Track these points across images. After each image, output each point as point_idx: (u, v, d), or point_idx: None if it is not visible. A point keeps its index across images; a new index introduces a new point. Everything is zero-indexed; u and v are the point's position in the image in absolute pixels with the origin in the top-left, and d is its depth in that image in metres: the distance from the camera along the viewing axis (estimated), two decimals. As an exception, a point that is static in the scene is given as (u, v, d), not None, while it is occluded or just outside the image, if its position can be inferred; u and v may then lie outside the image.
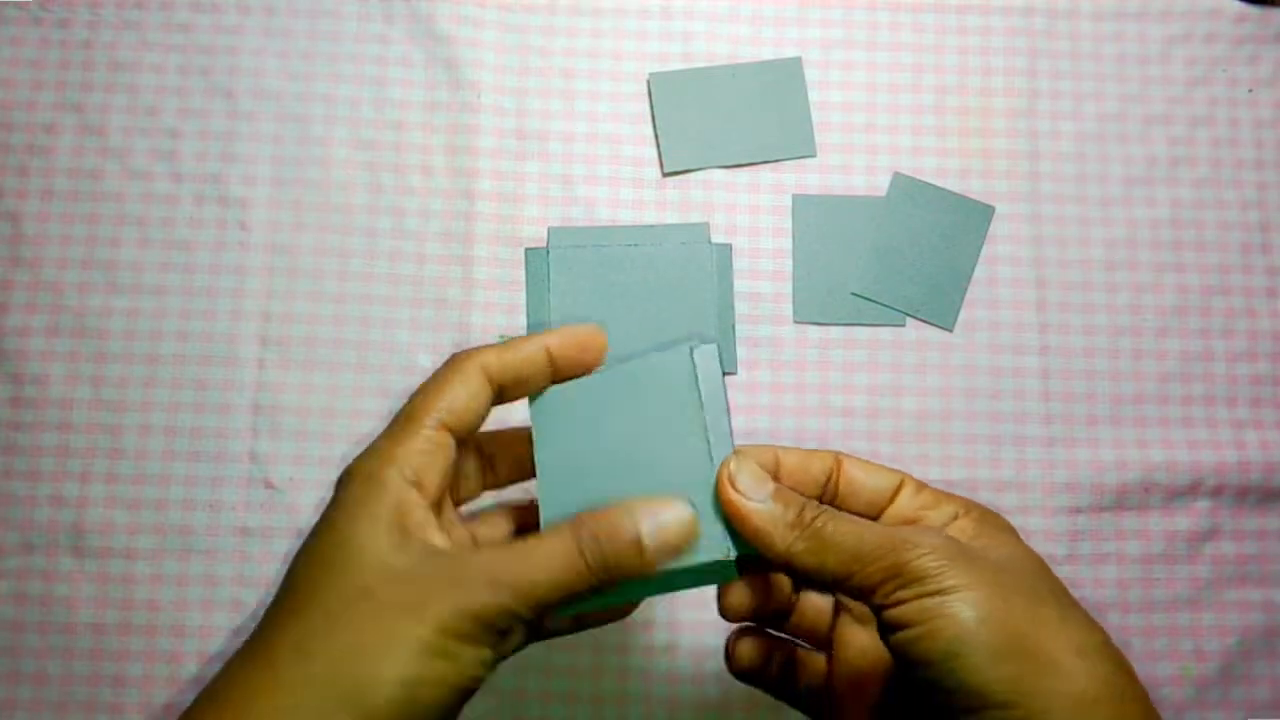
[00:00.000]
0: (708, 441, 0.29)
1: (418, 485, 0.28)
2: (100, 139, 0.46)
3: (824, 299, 0.46)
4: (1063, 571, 0.43)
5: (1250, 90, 0.48)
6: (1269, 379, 0.46)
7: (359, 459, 0.29)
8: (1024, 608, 0.26)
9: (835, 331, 0.45)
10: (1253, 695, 0.43)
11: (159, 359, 0.44)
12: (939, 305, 0.46)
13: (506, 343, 0.31)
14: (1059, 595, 0.27)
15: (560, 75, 0.47)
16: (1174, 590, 0.44)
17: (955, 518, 0.30)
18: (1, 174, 0.45)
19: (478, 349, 0.31)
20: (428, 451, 0.29)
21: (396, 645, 0.25)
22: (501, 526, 0.33)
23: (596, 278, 0.45)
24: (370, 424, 0.43)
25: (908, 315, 0.46)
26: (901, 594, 0.26)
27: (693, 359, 0.30)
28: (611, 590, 0.28)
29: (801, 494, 0.29)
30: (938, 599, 0.25)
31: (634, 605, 0.32)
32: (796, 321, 0.45)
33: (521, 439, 0.32)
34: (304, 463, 0.43)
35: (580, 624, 0.32)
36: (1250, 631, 0.43)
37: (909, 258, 0.46)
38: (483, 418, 0.31)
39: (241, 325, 0.44)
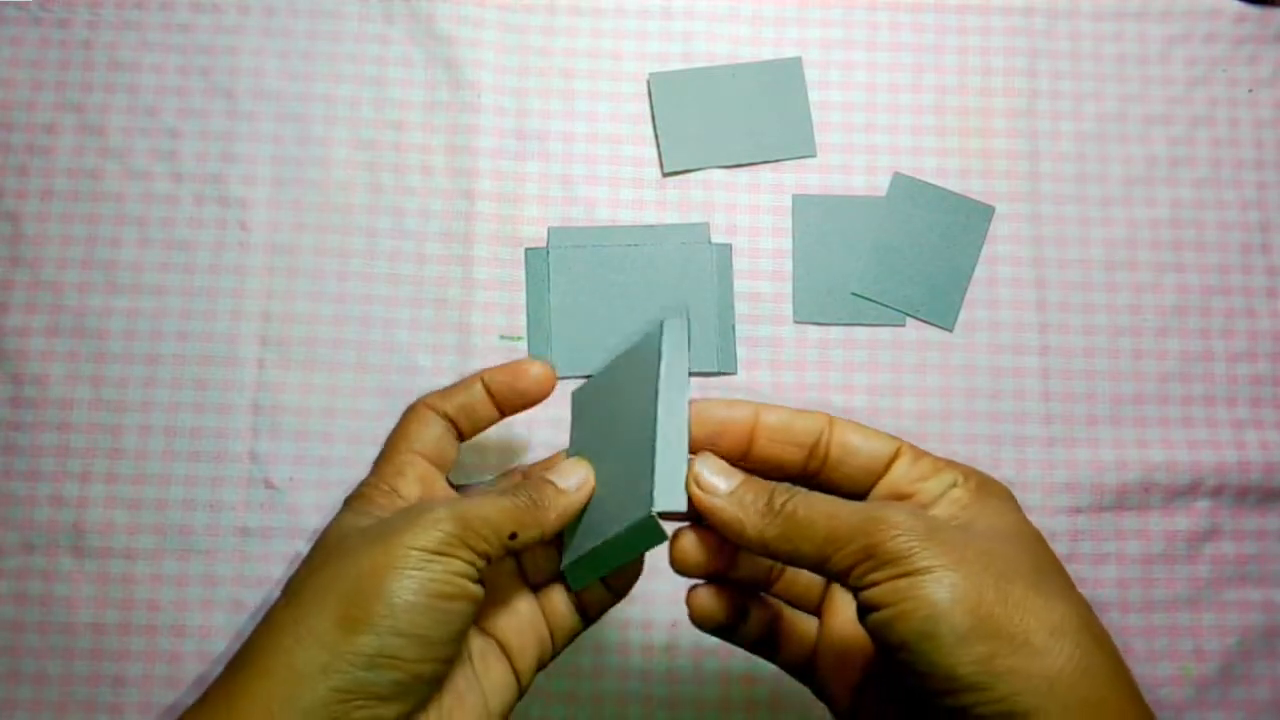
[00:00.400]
0: (655, 406, 0.30)
1: (399, 494, 0.34)
2: (100, 139, 0.46)
3: (824, 299, 0.46)
4: (1063, 571, 0.43)
5: (1250, 90, 0.48)
6: (1269, 379, 0.46)
7: (354, 491, 0.35)
8: (998, 587, 0.25)
9: (835, 331, 0.45)
10: (1253, 695, 0.43)
11: (159, 359, 0.44)
12: (939, 305, 0.46)
13: (453, 386, 0.36)
14: (1043, 571, 0.27)
15: (560, 75, 0.47)
16: (1174, 590, 0.44)
17: (953, 485, 0.29)
18: (1, 174, 0.45)
19: (427, 396, 0.36)
20: (404, 466, 0.34)
21: (389, 562, 0.28)
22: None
23: (596, 278, 0.45)
24: (370, 424, 0.43)
25: (908, 315, 0.46)
26: (875, 575, 0.26)
27: (660, 329, 0.32)
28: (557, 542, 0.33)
29: (781, 460, 0.30)
30: (909, 580, 0.25)
31: (627, 581, 0.34)
32: (796, 321, 0.45)
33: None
34: (304, 463, 0.43)
35: (586, 617, 0.34)
36: (1250, 631, 0.43)
37: (909, 258, 0.46)
38: (449, 447, 0.36)
39: (241, 325, 0.44)
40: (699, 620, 0.33)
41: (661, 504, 0.29)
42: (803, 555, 0.27)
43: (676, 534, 0.31)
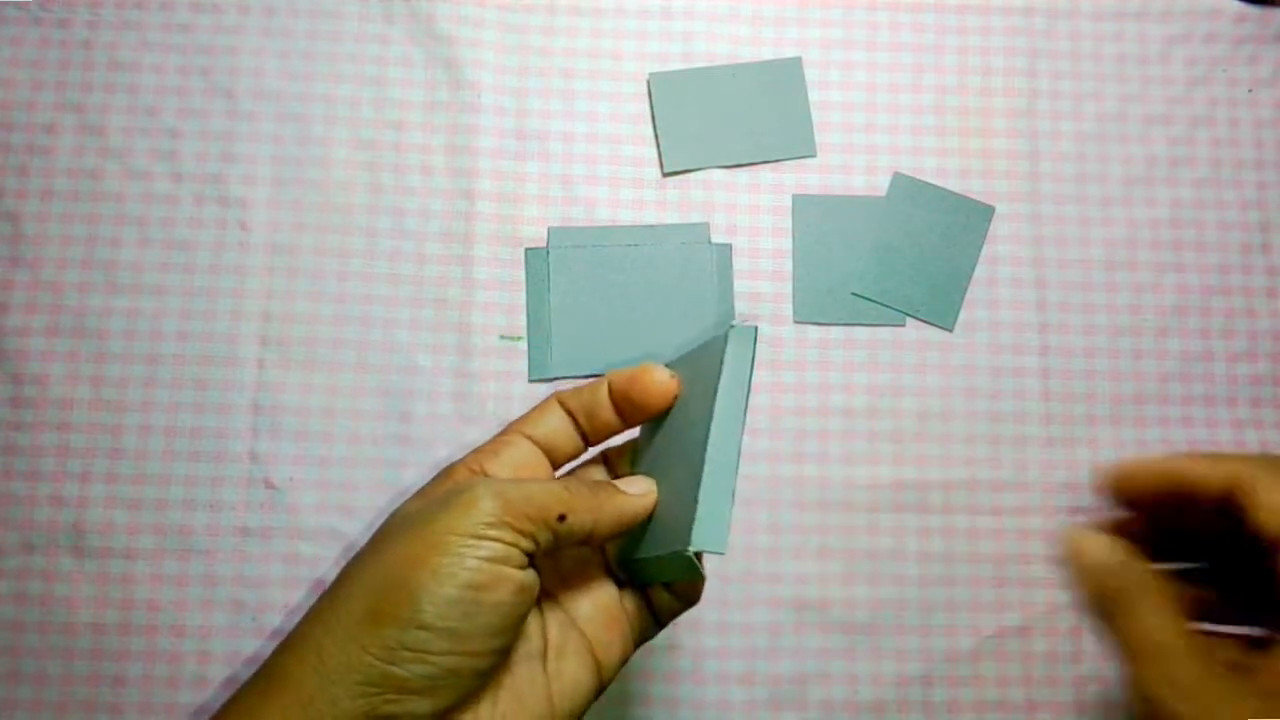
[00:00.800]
0: (708, 430, 0.29)
1: (481, 472, 0.31)
2: (100, 139, 0.46)
3: (824, 299, 0.46)
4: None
5: (1250, 90, 0.48)
6: (1269, 379, 0.46)
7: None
8: None
9: (835, 331, 0.45)
10: (1253, 695, 0.43)
11: (159, 359, 0.44)
12: (939, 305, 0.46)
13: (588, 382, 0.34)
14: None
15: (560, 75, 0.47)
16: (1174, 590, 0.44)
17: None
18: (1, 174, 0.45)
19: (562, 389, 0.34)
20: (501, 445, 0.32)
21: (428, 552, 0.27)
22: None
23: (596, 278, 0.45)
24: (370, 424, 0.43)
25: (908, 315, 0.46)
26: None
27: (726, 337, 0.30)
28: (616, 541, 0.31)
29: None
30: None
31: (696, 590, 0.33)
32: (796, 321, 0.45)
33: None
34: (304, 463, 0.43)
35: (658, 621, 0.33)
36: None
37: (909, 258, 0.46)
38: (567, 441, 0.33)
39: (241, 325, 0.44)
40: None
41: (699, 544, 0.28)
42: None
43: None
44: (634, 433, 0.34)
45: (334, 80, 0.47)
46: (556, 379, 0.44)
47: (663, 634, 0.42)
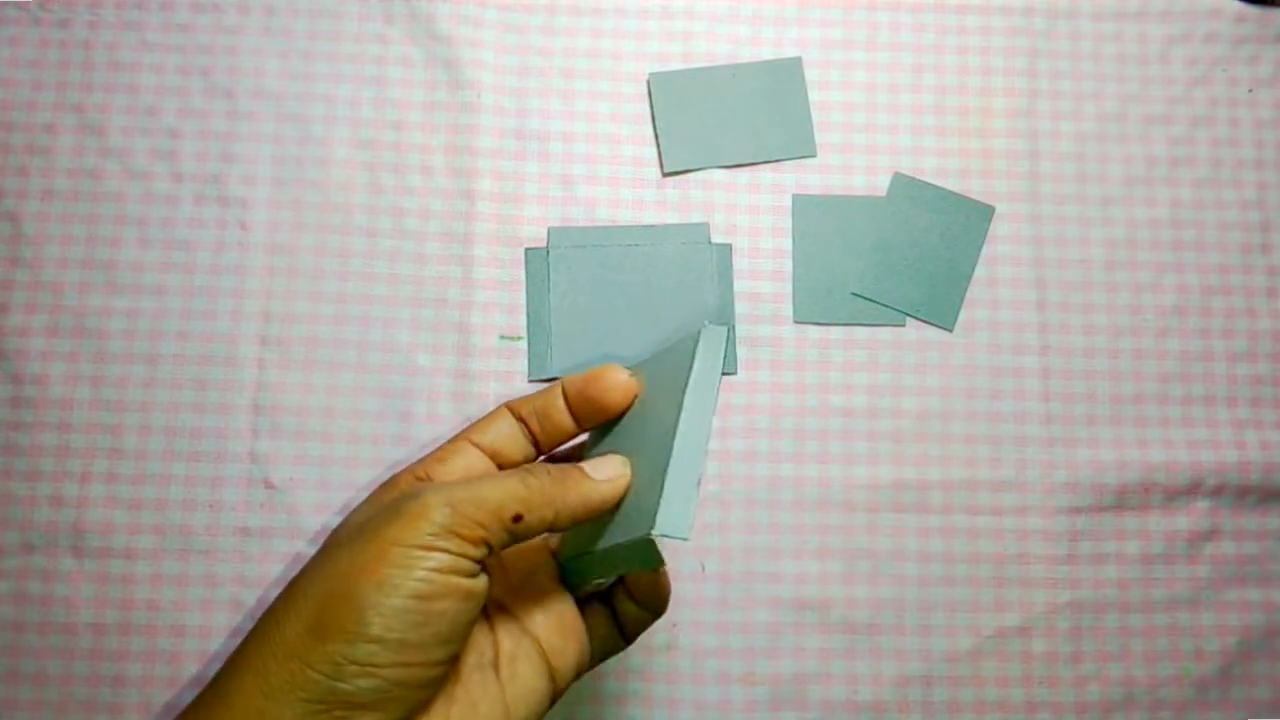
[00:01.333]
0: (678, 419, 0.29)
1: (426, 479, 0.31)
2: (100, 139, 0.46)
3: (824, 299, 0.46)
4: (1062, 572, 0.43)
5: (1250, 90, 0.48)
6: (1269, 379, 0.46)
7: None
8: None
9: (835, 331, 0.45)
10: (1253, 695, 0.43)
11: (159, 359, 0.44)
12: (939, 305, 0.46)
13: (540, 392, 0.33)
14: None
15: (560, 75, 0.47)
16: (1174, 590, 0.44)
17: None
18: (1, 174, 0.45)
19: (515, 400, 0.33)
20: (449, 452, 0.31)
21: (380, 560, 0.26)
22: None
23: (596, 278, 0.45)
24: (370, 424, 0.43)
25: (908, 315, 0.46)
26: None
27: (698, 336, 0.31)
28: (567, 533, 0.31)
29: None
30: None
31: (661, 600, 0.33)
32: (796, 321, 0.45)
33: None
34: (304, 463, 0.43)
35: (625, 635, 0.33)
36: (1250, 632, 0.43)
37: (909, 258, 0.46)
38: (516, 449, 0.33)
39: (241, 325, 0.44)
40: None
41: (664, 528, 0.28)
42: None
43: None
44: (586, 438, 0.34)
45: (334, 80, 0.47)
46: (557, 379, 0.44)
47: (663, 635, 0.42)
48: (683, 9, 0.48)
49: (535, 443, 0.33)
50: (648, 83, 0.47)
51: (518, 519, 0.28)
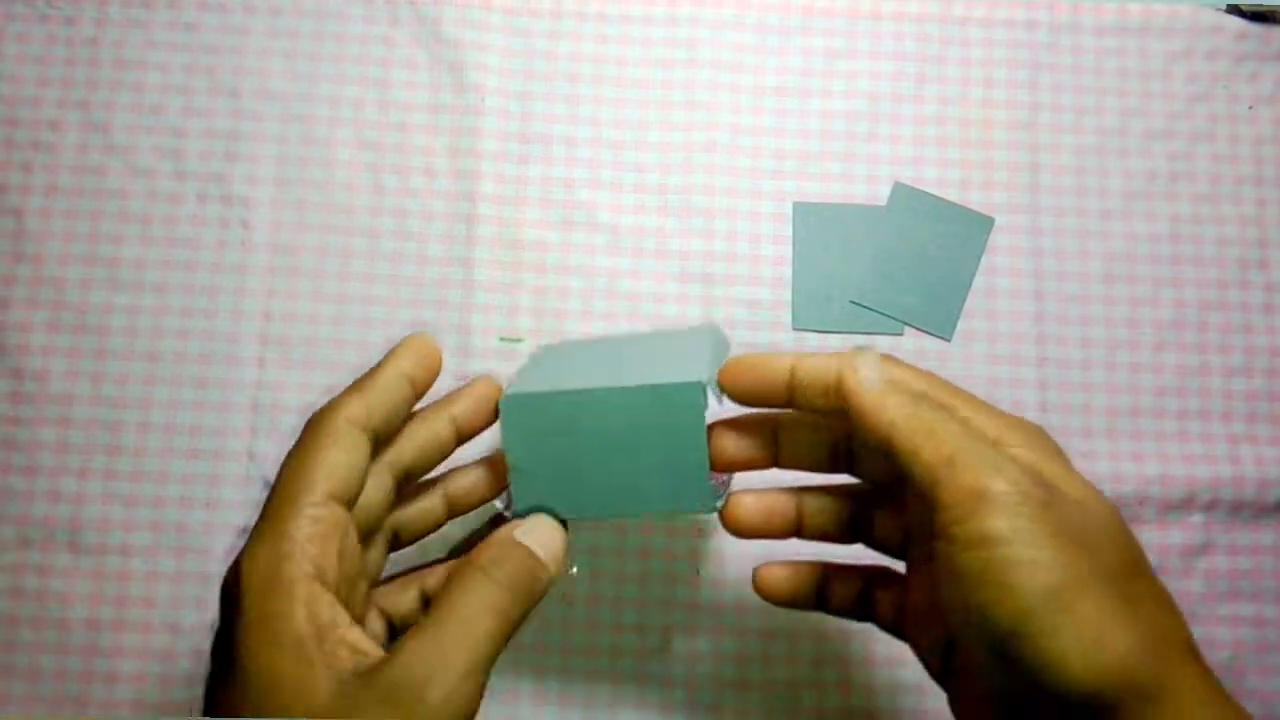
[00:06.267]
0: (701, 340, 0.32)
1: (319, 577, 0.26)
2: (105, 136, 0.46)
3: (823, 307, 0.46)
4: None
5: (1251, 107, 0.48)
6: (1264, 394, 0.46)
7: (246, 559, 0.26)
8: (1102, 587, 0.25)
9: (834, 339, 0.46)
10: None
11: (159, 356, 0.44)
12: (938, 315, 0.46)
13: (363, 383, 0.30)
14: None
15: (564, 80, 0.47)
16: (1167, 603, 0.44)
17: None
18: (6, 170, 0.45)
19: (335, 402, 0.29)
20: (320, 534, 0.26)
21: None
22: (410, 592, 0.32)
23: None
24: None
25: (906, 324, 0.46)
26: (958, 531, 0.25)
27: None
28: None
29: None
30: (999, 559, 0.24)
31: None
32: (795, 329, 0.46)
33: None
34: (302, 462, 0.43)
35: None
36: (1242, 646, 0.43)
37: (908, 267, 0.46)
38: (365, 478, 0.29)
39: (242, 324, 0.44)
40: (769, 597, 0.32)
41: (706, 378, 0.29)
42: (919, 461, 0.26)
43: (730, 498, 0.32)
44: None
45: (338, 81, 0.47)
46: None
47: (657, 638, 0.42)
48: (688, 16, 0.48)
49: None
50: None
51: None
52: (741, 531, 0.32)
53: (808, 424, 0.32)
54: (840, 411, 0.29)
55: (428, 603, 0.32)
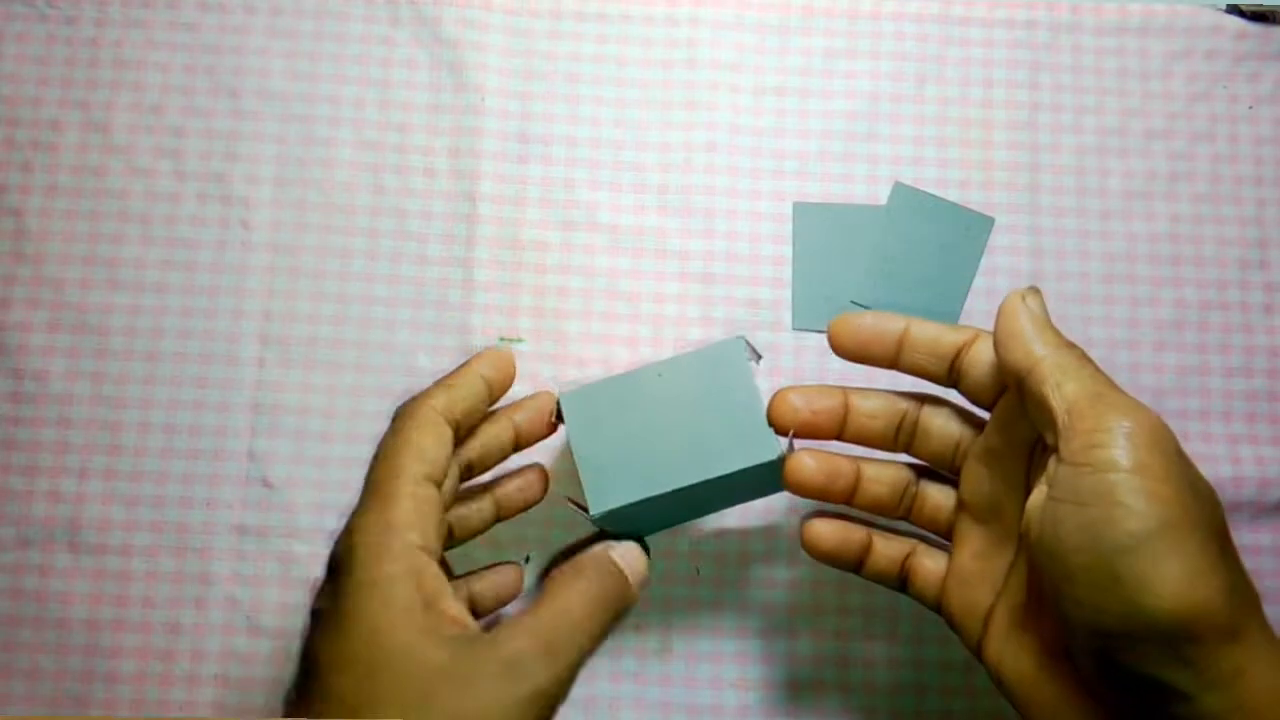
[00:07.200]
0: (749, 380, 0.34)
1: (425, 549, 0.28)
2: (104, 136, 0.46)
3: (823, 307, 0.46)
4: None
5: (1251, 107, 0.48)
6: (1264, 394, 0.46)
7: (356, 527, 0.28)
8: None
9: (834, 340, 0.46)
10: (1244, 709, 0.43)
11: (159, 356, 0.44)
12: (938, 315, 0.46)
13: (447, 380, 0.32)
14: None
15: (564, 80, 0.47)
16: (1167, 603, 0.44)
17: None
18: (6, 170, 0.45)
19: (423, 394, 0.32)
20: (421, 511, 0.28)
21: None
22: (459, 593, 0.35)
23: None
24: (369, 424, 0.44)
25: (906, 325, 0.46)
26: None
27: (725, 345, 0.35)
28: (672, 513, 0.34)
29: (926, 371, 0.33)
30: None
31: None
32: (795, 329, 0.46)
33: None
34: (301, 462, 0.43)
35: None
36: (1243, 646, 0.43)
37: (909, 267, 0.46)
38: (450, 465, 0.31)
39: (242, 324, 0.44)
40: (813, 550, 0.34)
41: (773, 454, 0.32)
42: (1052, 401, 0.28)
43: (794, 455, 0.33)
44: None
45: (339, 81, 0.47)
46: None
47: (657, 638, 0.42)
48: (687, 16, 0.48)
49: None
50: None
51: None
52: (805, 488, 0.33)
53: (877, 398, 0.34)
54: (943, 374, 0.32)
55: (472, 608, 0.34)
